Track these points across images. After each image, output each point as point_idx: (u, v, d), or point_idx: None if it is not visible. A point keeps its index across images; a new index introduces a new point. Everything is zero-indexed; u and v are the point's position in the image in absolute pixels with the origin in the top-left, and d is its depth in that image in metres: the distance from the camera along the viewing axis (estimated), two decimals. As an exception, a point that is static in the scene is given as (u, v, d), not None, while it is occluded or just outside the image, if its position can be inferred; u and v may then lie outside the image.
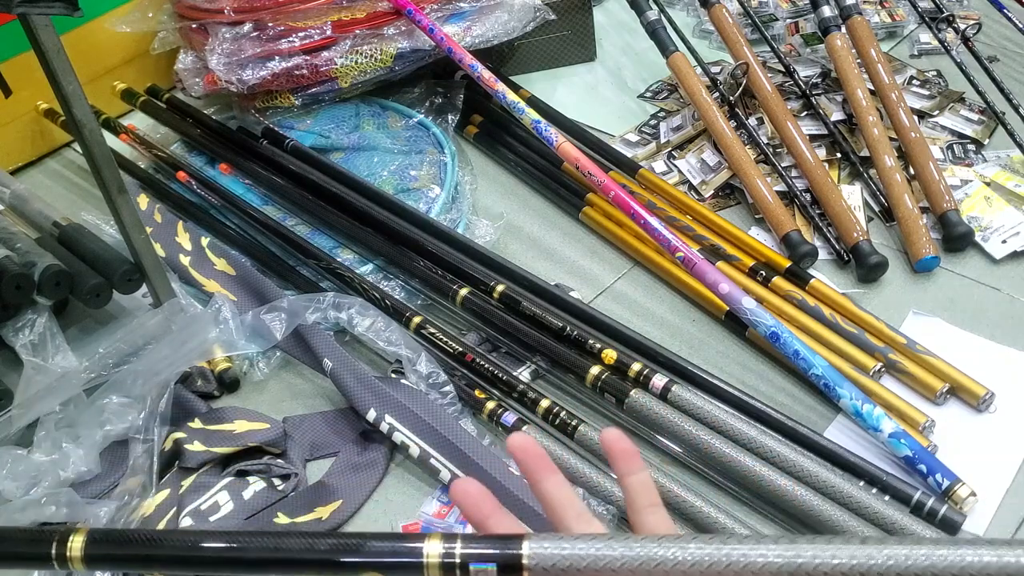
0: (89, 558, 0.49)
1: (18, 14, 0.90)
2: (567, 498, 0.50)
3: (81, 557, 0.49)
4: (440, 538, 0.46)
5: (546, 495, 0.50)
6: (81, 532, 0.49)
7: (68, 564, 0.49)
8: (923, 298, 1.23)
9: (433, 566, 0.45)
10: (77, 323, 1.16)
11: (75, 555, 0.49)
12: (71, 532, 0.49)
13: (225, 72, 1.44)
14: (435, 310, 1.25)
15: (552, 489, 0.50)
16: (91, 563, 0.49)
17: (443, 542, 0.46)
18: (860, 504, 0.94)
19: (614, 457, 0.50)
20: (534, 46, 1.68)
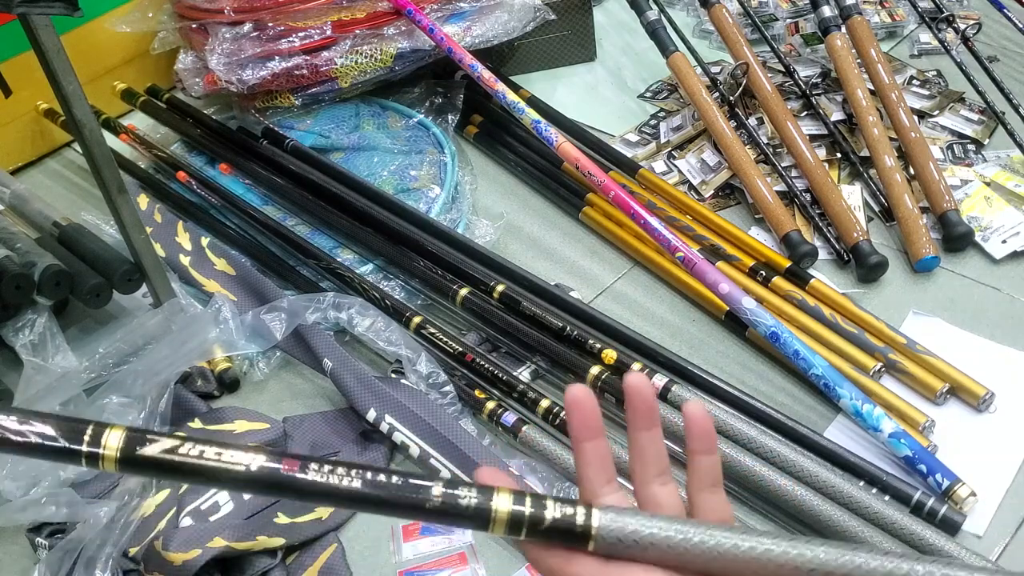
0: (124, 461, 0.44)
1: (18, 14, 0.90)
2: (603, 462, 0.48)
3: (116, 458, 0.44)
4: (510, 493, 0.44)
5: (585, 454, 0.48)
6: (119, 429, 0.44)
7: (99, 463, 0.44)
8: (923, 298, 1.23)
9: (500, 521, 0.44)
10: (77, 323, 1.17)
11: (109, 455, 0.44)
12: (106, 428, 0.44)
13: (225, 72, 1.44)
14: (435, 310, 1.25)
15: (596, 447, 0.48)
16: (125, 466, 0.44)
17: (513, 498, 0.44)
18: (860, 504, 0.94)
19: (695, 434, 0.48)
20: (534, 46, 1.68)
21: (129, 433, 0.44)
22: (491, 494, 0.44)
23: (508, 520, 0.44)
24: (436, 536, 1.00)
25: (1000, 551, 0.95)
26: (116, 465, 0.44)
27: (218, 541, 0.94)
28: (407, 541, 0.99)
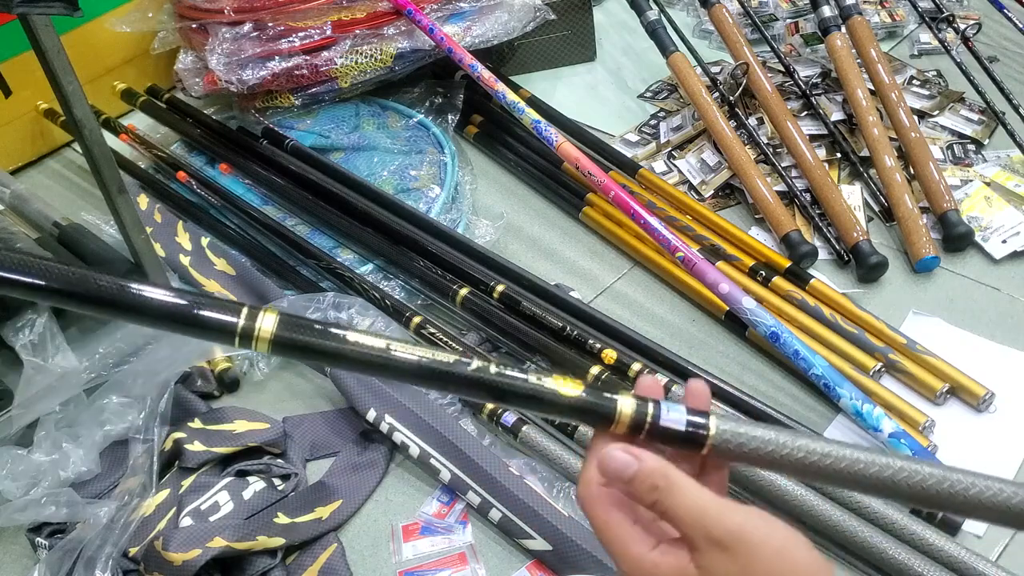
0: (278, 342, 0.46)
1: (18, 14, 0.90)
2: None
3: (270, 339, 0.46)
4: (633, 397, 0.47)
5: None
6: (273, 311, 0.46)
7: (252, 343, 0.46)
8: (923, 298, 1.23)
9: (625, 419, 0.47)
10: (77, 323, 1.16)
11: (263, 336, 0.46)
12: (262, 309, 0.46)
13: (225, 72, 1.44)
14: (435, 310, 1.25)
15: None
16: (278, 348, 0.46)
17: (636, 401, 0.47)
18: (860, 504, 0.94)
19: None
20: (534, 46, 1.68)
21: (283, 317, 0.46)
22: (615, 401, 0.47)
23: (632, 419, 0.47)
24: (436, 536, 1.00)
25: (1000, 551, 0.95)
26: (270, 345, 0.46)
27: (218, 541, 0.94)
28: (407, 541, 0.99)
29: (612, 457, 0.46)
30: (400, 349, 0.47)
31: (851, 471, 0.48)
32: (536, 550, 0.96)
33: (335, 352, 0.47)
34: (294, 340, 0.46)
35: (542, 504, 0.97)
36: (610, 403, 0.47)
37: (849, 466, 0.47)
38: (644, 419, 0.47)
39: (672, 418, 0.47)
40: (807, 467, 0.48)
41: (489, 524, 1.00)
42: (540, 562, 0.96)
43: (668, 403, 0.48)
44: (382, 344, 0.47)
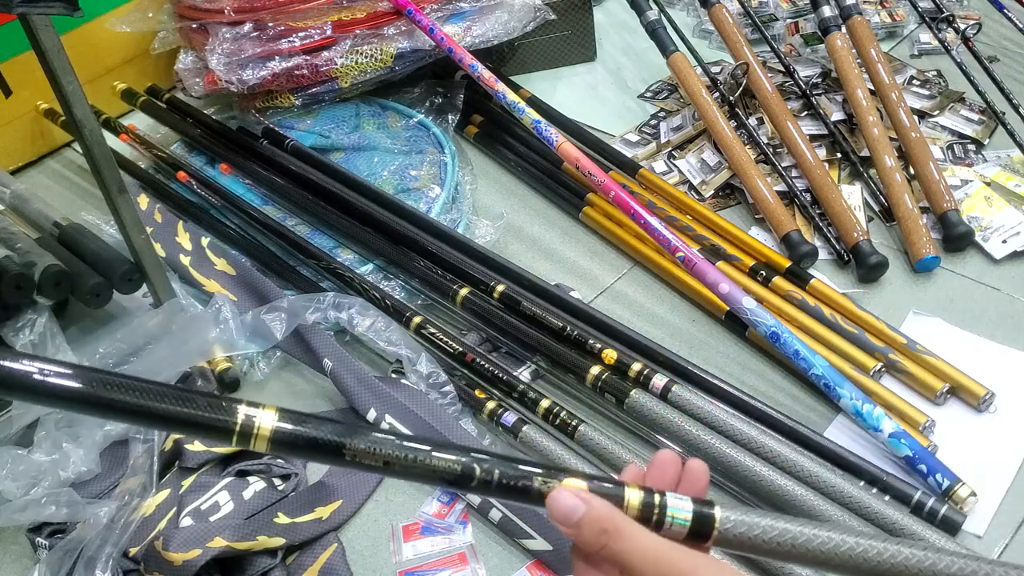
0: (276, 441, 0.45)
1: (18, 14, 0.90)
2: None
3: (269, 437, 0.45)
4: (640, 488, 0.47)
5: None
6: (271, 409, 0.45)
7: (251, 442, 0.45)
8: (923, 298, 1.23)
9: (633, 507, 0.46)
10: (77, 323, 1.16)
11: (263, 434, 0.45)
12: (259, 407, 0.45)
13: (225, 72, 1.44)
14: (435, 310, 1.25)
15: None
16: (276, 446, 0.46)
17: (643, 492, 0.47)
18: (860, 504, 0.94)
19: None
20: (534, 46, 1.68)
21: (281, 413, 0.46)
22: (623, 488, 0.47)
23: (640, 508, 0.46)
24: (436, 536, 1.00)
25: (1000, 551, 0.95)
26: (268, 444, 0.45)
27: (218, 541, 0.94)
28: (407, 541, 0.99)
29: (560, 501, 0.45)
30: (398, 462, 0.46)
31: (862, 559, 0.47)
32: (536, 550, 0.96)
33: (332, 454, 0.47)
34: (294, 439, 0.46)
35: (542, 504, 0.97)
36: (617, 498, 0.46)
37: (860, 554, 0.47)
38: (651, 515, 0.46)
39: (679, 519, 0.47)
40: (815, 556, 0.47)
41: (489, 524, 1.00)
42: (540, 562, 0.97)
43: (674, 497, 0.47)
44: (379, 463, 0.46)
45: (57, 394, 0.44)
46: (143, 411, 0.44)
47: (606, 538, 0.44)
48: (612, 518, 0.44)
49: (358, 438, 0.46)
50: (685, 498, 0.47)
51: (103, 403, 0.44)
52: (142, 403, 0.44)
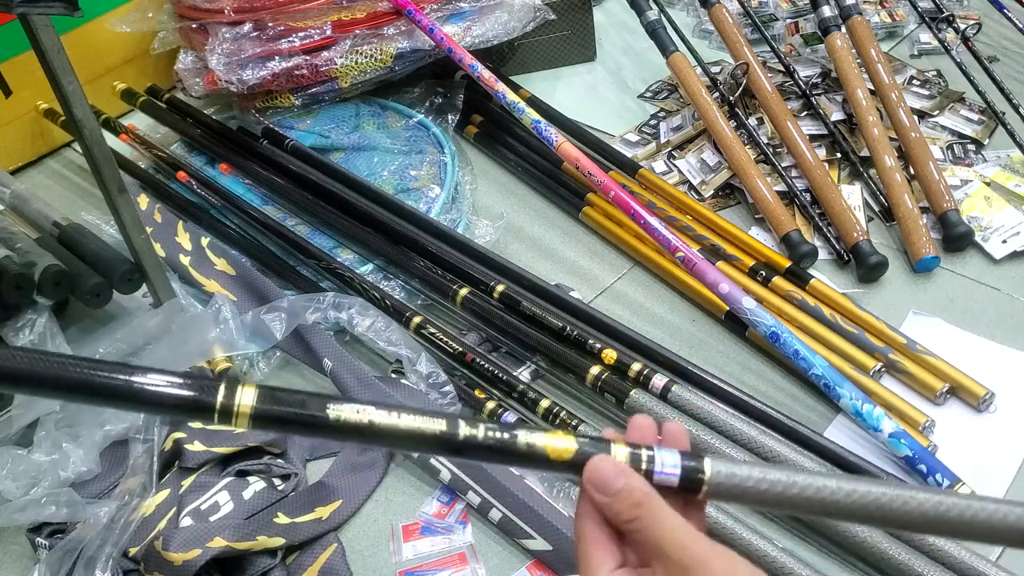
0: (257, 417, 0.46)
1: (18, 14, 0.90)
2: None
3: (249, 414, 0.45)
4: (626, 444, 0.48)
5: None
6: (252, 387, 0.46)
7: (232, 419, 0.45)
8: (923, 298, 1.23)
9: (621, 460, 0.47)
10: (77, 323, 1.16)
11: (243, 411, 0.45)
12: (239, 383, 0.46)
13: (225, 72, 1.44)
14: (435, 310, 1.25)
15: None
16: (257, 422, 0.46)
17: (630, 448, 0.48)
18: (860, 504, 0.94)
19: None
20: (534, 46, 1.68)
21: (261, 390, 0.46)
22: (609, 447, 0.47)
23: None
24: (436, 536, 1.00)
25: (1000, 551, 0.95)
26: (249, 422, 0.46)
27: (218, 541, 0.94)
28: (407, 541, 0.99)
29: (601, 468, 0.47)
30: (382, 422, 0.47)
31: (851, 503, 0.48)
32: (536, 550, 0.96)
33: (317, 425, 0.47)
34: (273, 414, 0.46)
35: (542, 504, 0.97)
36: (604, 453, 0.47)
37: (847, 497, 0.48)
38: (639, 469, 0.47)
39: (667, 466, 0.47)
40: (804, 502, 0.48)
41: (489, 524, 1.00)
42: (540, 562, 0.96)
43: (661, 449, 0.48)
44: (365, 420, 0.47)
45: (41, 382, 0.44)
46: (123, 394, 0.45)
47: (639, 511, 0.46)
48: (649, 494, 0.46)
49: (342, 403, 0.47)
50: (673, 450, 0.48)
51: (89, 389, 0.45)
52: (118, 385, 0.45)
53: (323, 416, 0.46)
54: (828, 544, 0.94)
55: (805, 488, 0.48)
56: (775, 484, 0.48)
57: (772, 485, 0.48)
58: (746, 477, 0.48)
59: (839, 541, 0.93)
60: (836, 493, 0.48)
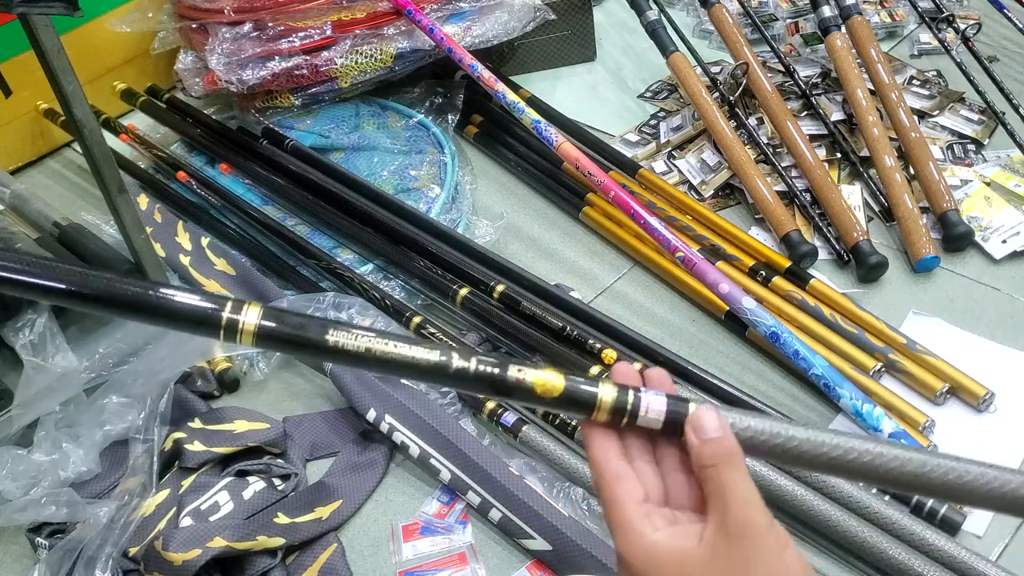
0: (261, 335, 0.47)
1: (18, 14, 0.90)
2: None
3: (254, 332, 0.47)
4: (615, 385, 0.49)
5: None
6: (257, 306, 0.48)
7: (237, 336, 0.47)
8: (923, 298, 1.23)
9: (604, 407, 0.49)
10: (77, 323, 1.16)
11: (247, 328, 0.47)
12: (245, 303, 0.47)
13: (225, 72, 1.44)
14: (435, 310, 1.25)
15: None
16: (261, 340, 0.48)
17: (617, 388, 0.49)
18: (860, 504, 0.94)
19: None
20: (534, 46, 1.68)
21: (266, 310, 0.48)
22: (597, 384, 0.49)
23: (612, 407, 0.49)
24: (436, 536, 1.00)
25: (1000, 551, 0.95)
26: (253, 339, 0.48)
27: (218, 541, 0.94)
28: (407, 541, 0.99)
29: (707, 417, 0.49)
30: (380, 350, 0.48)
31: (829, 455, 0.49)
32: (536, 550, 0.96)
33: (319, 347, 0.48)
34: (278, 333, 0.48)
35: (542, 504, 0.97)
36: (590, 394, 0.49)
37: (828, 451, 0.49)
38: (624, 407, 0.49)
39: (653, 406, 0.49)
40: (786, 452, 0.50)
41: (489, 524, 1.00)
42: (540, 562, 0.97)
43: (647, 392, 0.49)
44: (362, 347, 0.48)
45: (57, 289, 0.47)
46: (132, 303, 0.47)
47: (723, 461, 0.47)
48: (738, 452, 0.48)
49: (340, 328, 0.48)
50: (660, 393, 0.50)
51: (98, 297, 0.47)
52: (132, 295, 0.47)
53: (322, 340, 0.48)
54: (828, 544, 0.94)
55: (789, 439, 0.49)
56: (760, 432, 0.49)
57: (758, 432, 0.49)
58: (734, 422, 0.49)
59: (839, 541, 0.93)
60: (820, 446, 0.49)
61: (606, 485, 0.49)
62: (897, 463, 0.49)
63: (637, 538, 0.47)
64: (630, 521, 0.47)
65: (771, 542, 0.46)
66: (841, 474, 0.50)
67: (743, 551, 0.45)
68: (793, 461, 0.50)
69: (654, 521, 0.47)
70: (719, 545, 0.46)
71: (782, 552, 0.46)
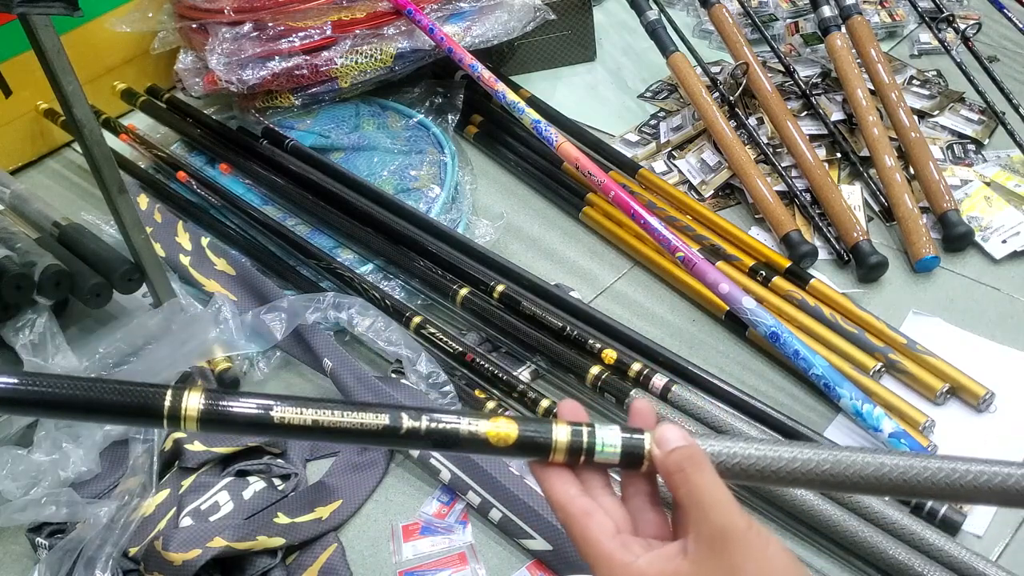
0: (205, 420, 0.47)
1: (18, 14, 0.90)
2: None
3: (197, 418, 0.47)
4: (568, 424, 0.50)
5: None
6: (198, 390, 0.48)
7: (181, 423, 0.47)
8: (923, 298, 1.23)
9: (561, 448, 0.49)
10: (77, 323, 1.16)
11: (190, 415, 0.47)
12: (186, 389, 0.48)
13: (225, 72, 1.44)
14: (435, 310, 1.25)
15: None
16: (206, 426, 0.48)
17: (571, 428, 0.49)
18: (860, 504, 0.94)
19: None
20: (534, 46, 1.68)
21: (208, 393, 0.48)
22: (550, 428, 0.49)
23: (568, 447, 0.49)
24: (436, 536, 1.00)
25: (1000, 551, 0.95)
26: (197, 424, 0.47)
27: (218, 541, 0.94)
28: (407, 541, 0.99)
29: (670, 431, 0.49)
30: (328, 421, 0.48)
31: (805, 470, 0.49)
32: (536, 550, 0.96)
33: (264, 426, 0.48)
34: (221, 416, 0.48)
35: (542, 504, 0.97)
36: (545, 437, 0.49)
37: (789, 465, 0.49)
38: (580, 446, 0.49)
39: (608, 440, 0.49)
40: (754, 472, 0.49)
41: (489, 524, 1.00)
42: (540, 562, 0.97)
43: (601, 427, 0.49)
44: (309, 420, 0.48)
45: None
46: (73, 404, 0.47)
47: (689, 465, 0.47)
48: (704, 457, 0.48)
49: (284, 404, 0.48)
50: (614, 429, 0.50)
51: (35, 402, 0.46)
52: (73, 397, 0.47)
53: (268, 416, 0.48)
54: (828, 544, 0.94)
55: (751, 457, 0.49)
56: (723, 455, 0.49)
57: (719, 455, 0.49)
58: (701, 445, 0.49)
59: (839, 541, 0.93)
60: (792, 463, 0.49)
61: (575, 523, 0.48)
62: (855, 468, 0.49)
63: (621, 569, 0.46)
64: (610, 554, 0.47)
65: (754, 541, 0.45)
66: (814, 487, 0.51)
67: (729, 556, 0.45)
68: (757, 479, 0.50)
69: (633, 549, 0.47)
70: (704, 555, 0.45)
71: (766, 549, 0.45)
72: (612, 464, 0.49)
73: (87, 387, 0.46)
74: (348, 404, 0.49)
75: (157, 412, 0.47)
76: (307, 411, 0.48)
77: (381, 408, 0.49)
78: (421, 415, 0.49)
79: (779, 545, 0.46)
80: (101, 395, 0.47)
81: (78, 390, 0.46)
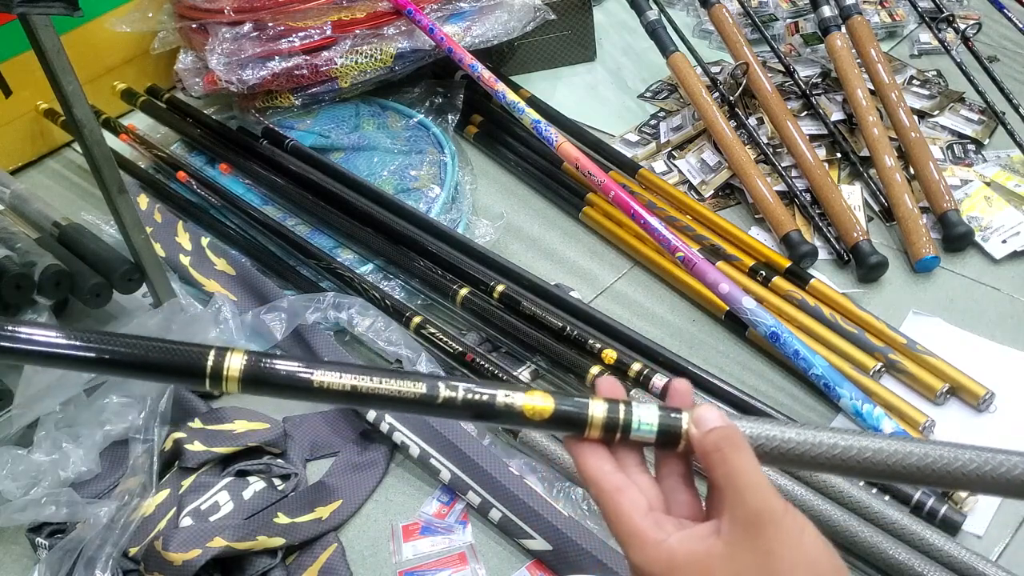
0: (246, 380, 0.48)
1: (18, 14, 0.90)
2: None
3: (239, 378, 0.48)
4: (605, 400, 0.49)
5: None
6: (240, 352, 0.48)
7: (222, 383, 0.48)
8: (923, 298, 1.23)
9: (597, 424, 0.48)
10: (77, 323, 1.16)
11: (232, 375, 0.48)
12: (228, 350, 0.48)
13: (225, 72, 1.44)
14: (435, 310, 1.25)
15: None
16: (247, 386, 0.48)
17: (608, 404, 0.49)
18: (860, 504, 0.94)
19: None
20: (534, 46, 1.68)
21: (250, 354, 0.48)
22: (587, 404, 0.49)
23: (604, 423, 0.48)
24: (436, 536, 1.00)
25: (1000, 551, 0.95)
26: (239, 384, 0.48)
27: (218, 541, 0.94)
28: (407, 541, 0.99)
29: (709, 412, 0.48)
30: (366, 387, 0.48)
31: (846, 456, 0.49)
32: (536, 550, 0.96)
33: (306, 389, 0.49)
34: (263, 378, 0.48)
35: (542, 504, 0.97)
36: (581, 413, 0.49)
37: (829, 451, 0.49)
38: (617, 423, 0.48)
39: (645, 419, 0.49)
40: (793, 457, 0.49)
41: (489, 524, 1.00)
42: (540, 562, 0.97)
43: (639, 405, 0.49)
44: (348, 385, 0.48)
45: (31, 351, 0.47)
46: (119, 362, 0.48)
47: (727, 445, 0.47)
48: (743, 439, 0.47)
49: (324, 368, 0.49)
50: (651, 406, 0.49)
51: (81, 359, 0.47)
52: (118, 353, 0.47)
53: (307, 381, 0.48)
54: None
55: (791, 441, 0.49)
56: (760, 437, 0.49)
57: (756, 438, 0.49)
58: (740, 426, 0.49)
59: (839, 541, 0.93)
60: (819, 447, 0.49)
61: (608, 499, 0.48)
62: (898, 457, 0.49)
63: (653, 546, 0.46)
64: (642, 531, 0.46)
65: (790, 526, 0.45)
66: (851, 474, 0.50)
67: (764, 540, 0.44)
68: (793, 463, 0.50)
69: (665, 527, 0.46)
70: (738, 537, 0.44)
71: (802, 535, 0.45)
72: (648, 442, 0.49)
73: (134, 344, 0.47)
74: (387, 371, 0.49)
75: (200, 371, 0.47)
76: (346, 376, 0.48)
77: (419, 376, 0.49)
78: (459, 385, 0.49)
79: (815, 532, 0.45)
80: (147, 353, 0.47)
81: (126, 347, 0.47)
